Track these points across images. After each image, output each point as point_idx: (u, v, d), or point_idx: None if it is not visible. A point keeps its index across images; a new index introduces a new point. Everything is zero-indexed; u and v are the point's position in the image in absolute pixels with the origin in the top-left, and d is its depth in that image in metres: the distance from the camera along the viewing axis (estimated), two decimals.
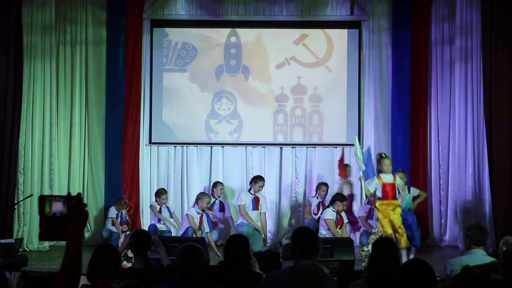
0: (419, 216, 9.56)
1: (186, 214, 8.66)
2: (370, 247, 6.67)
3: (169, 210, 9.21)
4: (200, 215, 8.50)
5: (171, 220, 9.23)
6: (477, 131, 9.18)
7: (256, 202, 8.79)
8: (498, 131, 9.23)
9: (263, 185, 8.96)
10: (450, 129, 9.66)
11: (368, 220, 8.84)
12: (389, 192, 7.44)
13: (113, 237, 8.85)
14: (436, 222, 9.75)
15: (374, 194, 7.60)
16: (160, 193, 9.16)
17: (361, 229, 9.02)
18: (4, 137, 9.17)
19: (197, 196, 8.78)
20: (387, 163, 7.49)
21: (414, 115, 9.69)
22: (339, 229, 8.39)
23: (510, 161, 9.26)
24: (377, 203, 7.51)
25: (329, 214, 8.37)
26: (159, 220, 9.09)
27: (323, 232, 8.21)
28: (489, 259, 4.48)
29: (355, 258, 6.71)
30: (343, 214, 8.58)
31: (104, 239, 8.96)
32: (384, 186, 7.44)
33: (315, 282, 3.10)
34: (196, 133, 10.04)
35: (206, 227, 8.56)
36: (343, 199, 8.52)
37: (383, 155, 7.75)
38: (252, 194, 8.79)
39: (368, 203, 8.82)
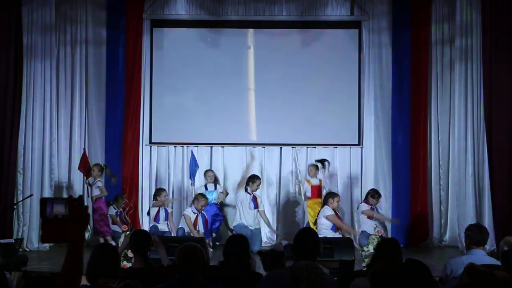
0: (419, 216, 9.59)
1: (183, 214, 8.81)
2: (370, 247, 6.68)
3: (166, 212, 9.17)
4: (195, 215, 8.67)
5: (166, 222, 9.15)
6: (477, 131, 9.18)
7: (255, 200, 8.98)
8: (498, 131, 9.22)
9: (260, 184, 9.12)
10: (450, 129, 9.66)
11: (369, 218, 8.85)
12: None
13: (115, 237, 8.82)
14: (436, 222, 9.76)
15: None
16: (160, 192, 9.13)
17: (361, 230, 9.02)
18: (3, 137, 9.17)
19: (194, 196, 8.96)
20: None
21: (414, 115, 9.69)
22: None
23: (510, 161, 9.26)
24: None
25: (328, 210, 8.40)
26: (157, 219, 9.01)
27: (323, 232, 8.22)
28: (489, 259, 4.48)
29: (355, 258, 6.71)
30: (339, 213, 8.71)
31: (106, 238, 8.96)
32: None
33: (317, 280, 3.12)
34: (196, 133, 10.03)
35: (200, 227, 8.75)
36: (333, 196, 8.57)
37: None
38: (250, 193, 8.93)
39: None
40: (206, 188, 9.36)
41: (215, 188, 9.42)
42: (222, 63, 10.09)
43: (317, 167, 9.34)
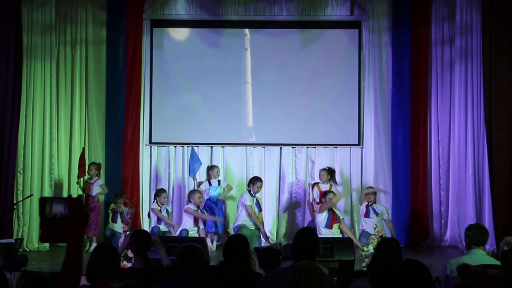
0: (419, 216, 9.60)
1: (185, 209, 8.86)
2: (370, 247, 6.68)
3: (167, 212, 9.21)
4: (195, 211, 8.70)
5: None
6: (477, 131, 9.18)
7: (259, 204, 9.00)
8: (498, 131, 9.23)
9: (262, 186, 9.11)
10: (450, 129, 9.66)
11: (366, 217, 8.85)
12: None
13: (115, 237, 8.84)
14: (436, 222, 9.76)
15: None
16: (160, 192, 9.19)
17: (361, 229, 9.02)
18: (3, 137, 9.18)
19: (188, 194, 9.11)
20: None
21: (414, 115, 9.70)
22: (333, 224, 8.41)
23: (510, 161, 9.26)
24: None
25: (318, 206, 8.45)
26: (159, 221, 9.08)
27: (320, 230, 8.22)
28: (489, 260, 4.48)
29: (355, 258, 6.71)
30: (338, 211, 8.69)
31: (107, 238, 8.97)
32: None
33: (317, 280, 3.12)
34: (196, 133, 10.03)
35: (200, 223, 8.88)
36: (325, 195, 8.47)
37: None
38: (253, 196, 8.93)
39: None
40: (210, 184, 9.36)
41: (219, 184, 9.41)
42: (222, 63, 10.09)
43: (328, 172, 9.26)
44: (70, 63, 9.82)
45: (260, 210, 9.07)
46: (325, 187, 9.15)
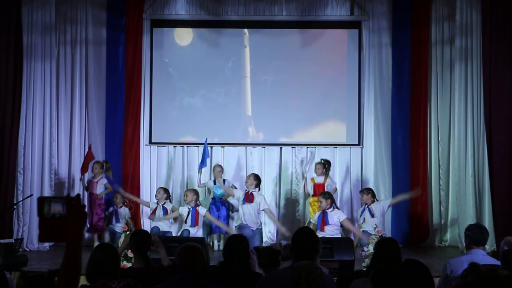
0: (419, 216, 9.59)
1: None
2: (370, 247, 6.67)
3: (163, 209, 9.11)
4: (188, 210, 8.65)
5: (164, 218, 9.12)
6: (477, 131, 9.17)
7: (250, 197, 8.67)
8: (498, 131, 9.22)
9: (252, 178, 8.78)
10: (450, 129, 9.66)
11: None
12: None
13: (115, 237, 8.83)
14: (436, 222, 9.76)
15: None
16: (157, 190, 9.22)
17: (361, 230, 8.99)
18: (3, 137, 9.18)
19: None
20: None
21: (414, 115, 9.70)
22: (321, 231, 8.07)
23: (510, 161, 9.25)
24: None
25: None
26: (153, 218, 9.03)
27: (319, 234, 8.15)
28: (489, 259, 4.48)
29: (355, 258, 6.71)
30: (330, 214, 8.10)
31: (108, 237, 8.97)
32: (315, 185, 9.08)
33: (317, 280, 3.12)
34: (197, 133, 10.03)
35: (189, 221, 8.63)
36: (324, 196, 8.19)
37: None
38: (246, 190, 8.85)
39: None
40: (215, 183, 9.32)
41: (224, 183, 9.34)
42: (222, 63, 10.09)
43: (324, 165, 9.20)
44: (70, 63, 9.83)
45: (250, 201, 8.60)
46: (319, 179, 9.10)
